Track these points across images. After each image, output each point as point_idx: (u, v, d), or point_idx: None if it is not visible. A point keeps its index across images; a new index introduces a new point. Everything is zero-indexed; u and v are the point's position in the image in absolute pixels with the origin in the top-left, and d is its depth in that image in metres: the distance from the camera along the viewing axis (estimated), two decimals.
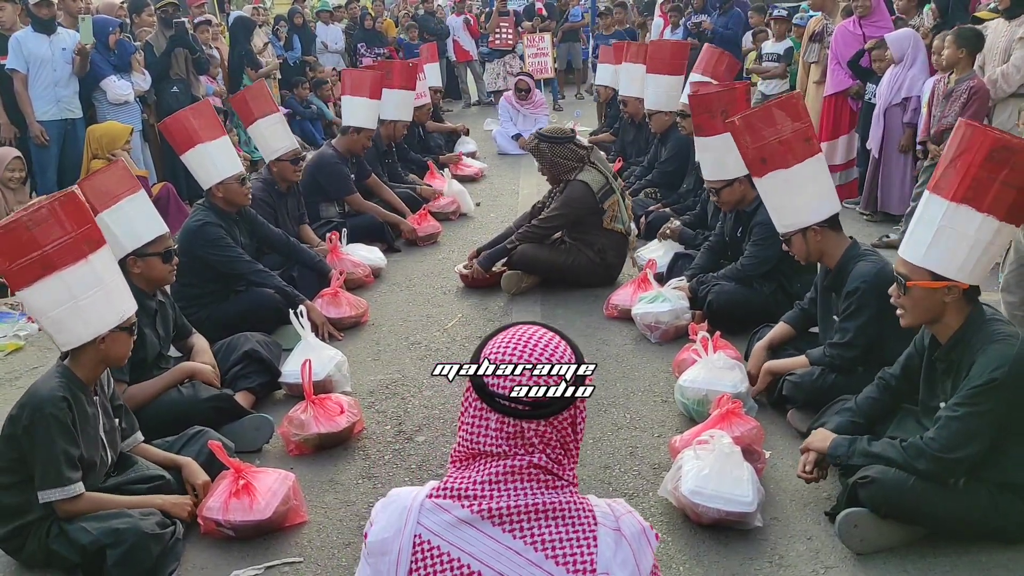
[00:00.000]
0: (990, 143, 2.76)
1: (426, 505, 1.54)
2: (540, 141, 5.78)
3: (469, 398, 1.57)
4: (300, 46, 12.75)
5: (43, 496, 2.96)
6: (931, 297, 2.89)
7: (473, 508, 1.51)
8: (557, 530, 1.52)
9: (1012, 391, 2.76)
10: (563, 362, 1.55)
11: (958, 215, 2.81)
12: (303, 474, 3.65)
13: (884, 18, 7.53)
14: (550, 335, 1.58)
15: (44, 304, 3.04)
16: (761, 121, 3.77)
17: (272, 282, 4.99)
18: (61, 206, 3.06)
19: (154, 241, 3.94)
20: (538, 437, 1.53)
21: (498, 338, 1.58)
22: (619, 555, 1.52)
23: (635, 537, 1.55)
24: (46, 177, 7.09)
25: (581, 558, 1.50)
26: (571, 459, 1.59)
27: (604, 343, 4.94)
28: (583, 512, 1.54)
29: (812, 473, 3.18)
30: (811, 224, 3.74)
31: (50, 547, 3.00)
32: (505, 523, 1.51)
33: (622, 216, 5.74)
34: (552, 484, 1.54)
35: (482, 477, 1.53)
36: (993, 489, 2.88)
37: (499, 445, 1.53)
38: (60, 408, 2.95)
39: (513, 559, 1.49)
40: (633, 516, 1.59)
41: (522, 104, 10.95)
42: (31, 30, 7.05)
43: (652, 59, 7.34)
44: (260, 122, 5.89)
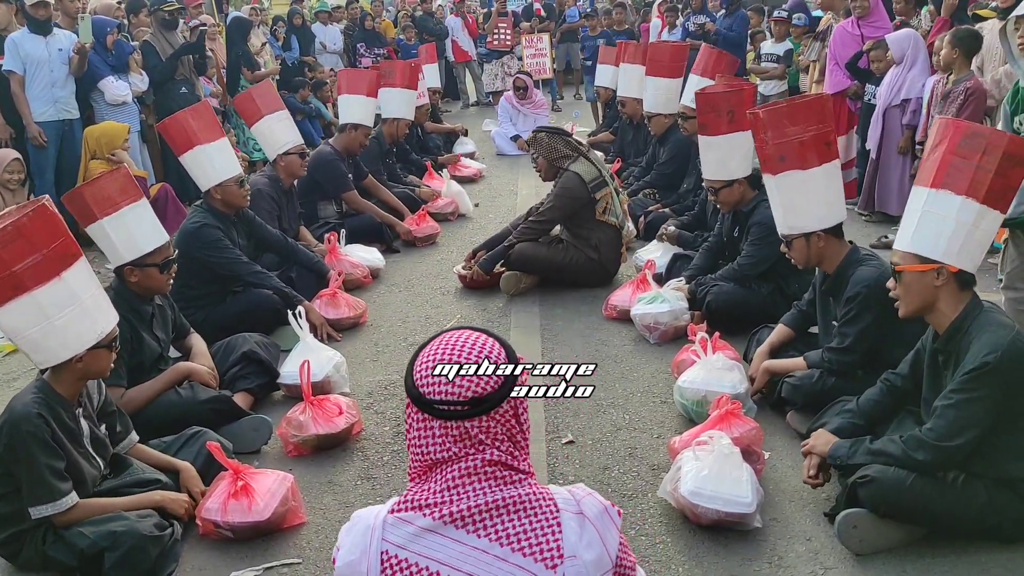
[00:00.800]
0: (961, 132, 2.90)
1: (388, 521, 1.57)
2: (539, 131, 5.86)
3: (410, 413, 1.60)
4: (298, 47, 12.74)
5: (35, 512, 2.92)
6: (921, 281, 2.93)
7: (435, 515, 1.54)
8: (520, 523, 1.54)
9: (1005, 376, 2.78)
10: (495, 360, 1.57)
11: (938, 199, 2.91)
12: (302, 475, 3.64)
13: (882, 19, 7.52)
14: (481, 336, 1.62)
15: (18, 325, 2.93)
16: (787, 118, 3.70)
17: (270, 283, 4.98)
18: (30, 222, 2.91)
19: (153, 252, 3.89)
20: (484, 434, 1.56)
21: (429, 347, 1.61)
22: (584, 537, 1.55)
23: (598, 517, 1.59)
24: (44, 179, 7.08)
25: (547, 546, 1.53)
26: (522, 450, 1.62)
27: (603, 344, 4.94)
28: (544, 501, 1.57)
29: (817, 478, 3.18)
30: (817, 230, 3.71)
31: (47, 553, 2.97)
32: (468, 524, 1.53)
33: (615, 208, 5.73)
34: (509, 478, 1.57)
35: (439, 485, 1.56)
36: (990, 485, 2.88)
37: (448, 449, 1.56)
38: (36, 425, 2.89)
39: (480, 558, 1.52)
40: (594, 497, 1.62)
41: (522, 103, 10.94)
42: (27, 31, 7.03)
43: (651, 61, 7.33)
44: (268, 118, 5.91)
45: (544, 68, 13.86)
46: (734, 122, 4.77)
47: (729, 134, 4.79)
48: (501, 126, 11.15)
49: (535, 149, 5.85)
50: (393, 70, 7.92)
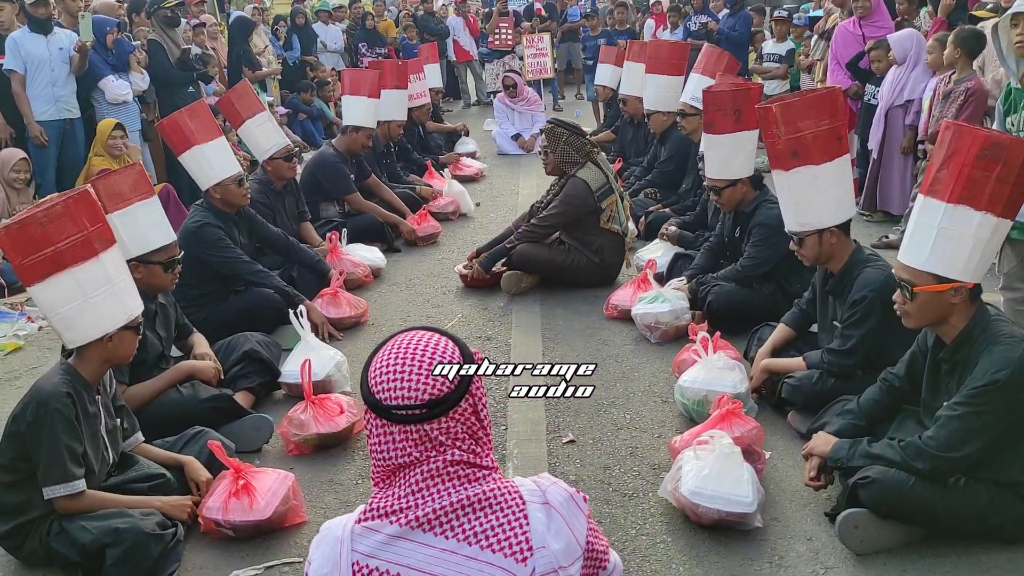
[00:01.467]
0: (980, 142, 2.78)
1: (356, 531, 1.57)
2: (558, 125, 5.79)
3: (369, 419, 1.59)
4: (300, 46, 12.75)
5: (47, 492, 2.96)
6: (938, 300, 2.88)
7: (401, 521, 1.54)
8: (487, 519, 1.55)
9: (1013, 393, 2.76)
10: (448, 360, 1.57)
11: (956, 216, 2.81)
12: (303, 474, 3.65)
13: (884, 19, 7.52)
14: (433, 336, 1.61)
15: (54, 301, 3.05)
16: (800, 112, 3.62)
17: (271, 282, 4.98)
18: (75, 204, 3.08)
19: (159, 249, 3.93)
20: (444, 435, 1.55)
21: (382, 351, 1.61)
22: (552, 526, 1.56)
23: (563, 505, 1.59)
24: (46, 178, 7.08)
25: (516, 539, 1.54)
26: (484, 447, 1.61)
27: (604, 343, 4.94)
28: (509, 495, 1.57)
29: (819, 480, 3.18)
30: (830, 226, 3.68)
31: (50, 545, 3.00)
32: (435, 527, 1.54)
33: (619, 217, 5.73)
34: (473, 476, 1.57)
35: (403, 490, 1.56)
36: (992, 488, 2.88)
37: (410, 454, 1.55)
38: (64, 404, 2.96)
39: (450, 559, 1.52)
40: (558, 486, 1.63)
41: (515, 101, 10.94)
42: (28, 30, 7.04)
43: (652, 59, 7.33)
44: (249, 123, 5.88)
45: (545, 68, 13.86)
46: (740, 121, 4.75)
47: (735, 133, 4.77)
48: (501, 126, 11.15)
49: (549, 142, 5.79)
50: (381, 71, 7.84)
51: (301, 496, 3.41)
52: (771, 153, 3.79)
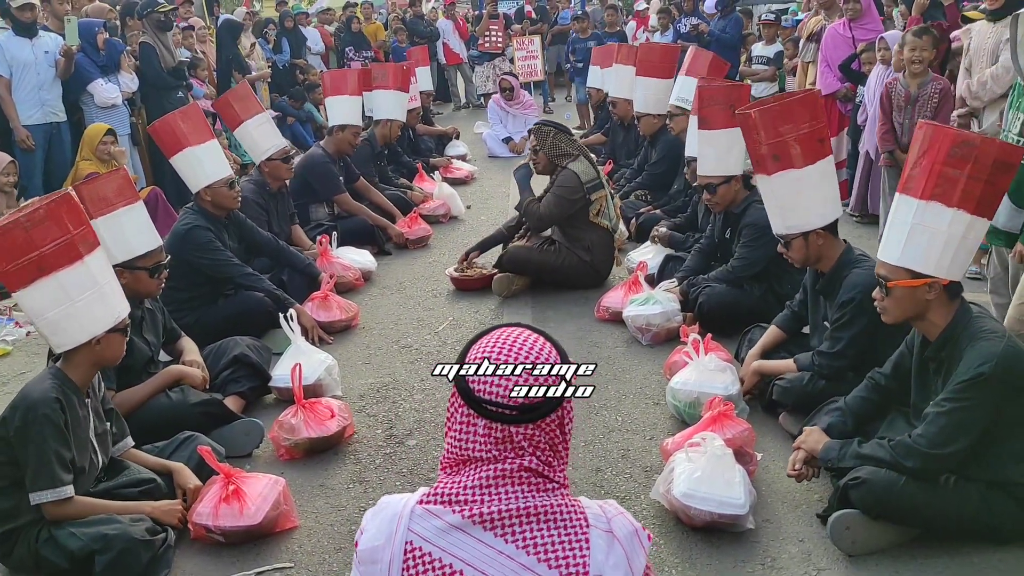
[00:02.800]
0: (950, 140, 2.85)
1: (416, 511, 1.53)
2: (545, 124, 5.85)
3: (455, 403, 1.55)
4: (289, 49, 12.71)
5: (35, 497, 2.93)
6: (912, 295, 2.93)
7: (464, 513, 1.50)
8: (549, 533, 1.50)
9: (998, 387, 2.78)
10: (548, 362, 1.54)
11: (928, 212, 2.87)
12: (293, 479, 3.63)
13: (874, 21, 7.55)
14: (534, 336, 1.58)
15: (41, 305, 3.03)
16: (779, 117, 3.64)
17: (261, 285, 4.96)
18: (57, 207, 3.07)
19: (145, 255, 3.90)
20: (526, 440, 1.52)
21: (482, 341, 1.57)
22: (611, 557, 1.51)
23: (627, 538, 1.54)
24: (32, 182, 7.03)
25: (573, 561, 1.49)
26: (561, 460, 1.57)
27: (595, 346, 4.93)
28: (575, 514, 1.53)
29: (801, 470, 3.18)
30: (816, 228, 3.68)
31: (39, 552, 2.97)
32: (496, 527, 1.49)
33: (608, 212, 5.73)
34: (543, 487, 1.53)
35: (472, 482, 1.52)
36: (983, 488, 2.89)
37: (488, 450, 1.52)
38: (53, 409, 2.94)
39: (505, 563, 1.48)
40: (625, 517, 1.58)
41: (510, 105, 10.93)
42: (12, 33, 6.99)
43: (642, 62, 7.35)
44: (247, 123, 5.87)
45: (535, 70, 13.86)
46: (735, 117, 4.73)
47: (730, 128, 4.76)
48: (492, 128, 11.15)
49: (538, 141, 5.81)
50: (386, 72, 7.91)
51: (292, 501, 3.39)
52: (753, 159, 3.80)
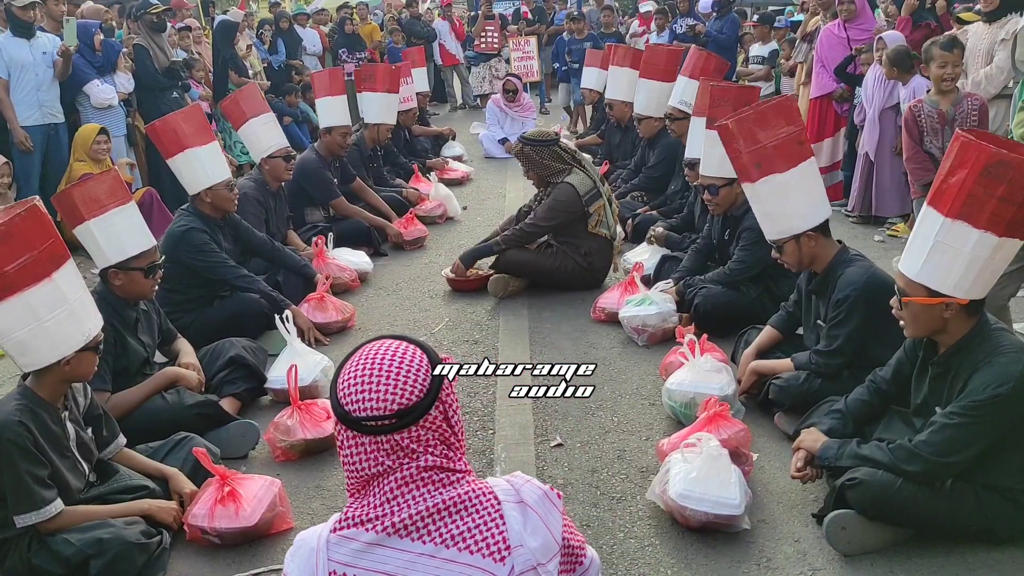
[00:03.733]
0: (986, 158, 2.66)
1: (332, 540, 1.57)
2: (524, 145, 5.74)
3: (339, 430, 1.59)
4: (285, 50, 12.70)
5: (19, 521, 2.88)
6: (928, 313, 2.86)
7: (377, 528, 1.54)
8: (463, 521, 1.55)
9: (1013, 407, 2.75)
10: (416, 367, 1.56)
11: (953, 231, 2.74)
12: (289, 480, 3.63)
13: (869, 21, 7.56)
14: (400, 344, 1.60)
15: (7, 326, 2.90)
16: (756, 124, 3.67)
17: (257, 287, 4.96)
18: (22, 221, 2.90)
19: (139, 256, 3.87)
20: (416, 443, 1.56)
21: (349, 362, 1.60)
22: (528, 524, 1.57)
23: (539, 503, 1.60)
24: (29, 183, 7.02)
25: (493, 540, 1.55)
26: (457, 450, 1.62)
27: (591, 346, 4.94)
28: (484, 496, 1.58)
29: (804, 471, 3.18)
30: (805, 230, 3.68)
31: (31, 561, 2.93)
32: (411, 532, 1.54)
33: (607, 220, 5.73)
34: (447, 480, 1.57)
35: (378, 499, 1.56)
36: (979, 490, 2.89)
37: (382, 463, 1.56)
38: (17, 433, 2.84)
39: (428, 563, 1.53)
40: (532, 483, 1.64)
41: (510, 106, 10.93)
42: (11, 35, 6.98)
43: (646, 64, 7.32)
44: (252, 121, 5.90)
45: (532, 71, 13.87)
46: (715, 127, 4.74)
47: None
48: (489, 129, 11.14)
49: (526, 164, 5.78)
50: (373, 74, 7.85)
51: (288, 502, 3.39)
52: (736, 168, 3.82)
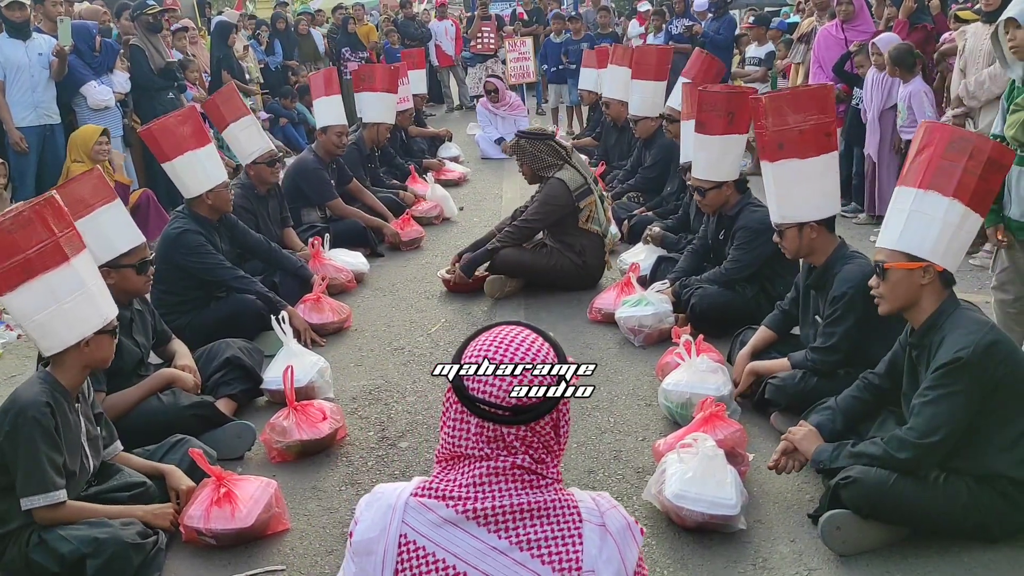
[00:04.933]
0: (948, 134, 3.00)
1: (411, 504, 1.53)
2: (520, 138, 5.82)
3: (450, 400, 1.56)
4: (282, 51, 12.69)
5: (26, 503, 2.91)
6: (908, 279, 2.98)
7: (458, 508, 1.51)
8: (542, 529, 1.51)
9: (978, 371, 2.81)
10: (543, 362, 1.53)
11: (926, 200, 2.97)
12: (285, 481, 3.62)
13: (867, 22, 7.57)
14: (533, 335, 1.57)
15: (28, 308, 3.02)
16: (789, 105, 3.70)
17: (254, 288, 4.95)
18: (42, 209, 3.05)
19: (128, 253, 3.88)
20: (519, 441, 1.52)
21: (479, 339, 1.56)
22: (604, 552, 1.52)
23: (620, 533, 1.55)
24: (25, 184, 7.01)
25: (567, 556, 1.50)
26: (554, 458, 1.58)
27: (588, 347, 4.94)
28: (568, 509, 1.54)
29: (779, 460, 3.20)
30: (811, 220, 3.73)
31: (29, 556, 2.95)
32: (490, 523, 1.50)
33: (599, 217, 5.74)
34: (536, 483, 1.53)
35: (466, 479, 1.52)
36: (972, 484, 2.90)
37: (480, 448, 1.52)
38: (43, 413, 2.92)
39: (498, 559, 1.49)
40: (618, 511, 1.59)
41: (497, 107, 10.94)
42: (6, 36, 6.97)
43: (637, 64, 7.35)
44: (232, 126, 5.86)
45: (528, 72, 13.86)
46: (732, 124, 4.76)
47: (725, 135, 4.78)
48: (484, 130, 11.15)
49: (519, 156, 5.83)
50: (372, 74, 7.86)
51: (284, 503, 3.39)
52: (760, 143, 3.87)
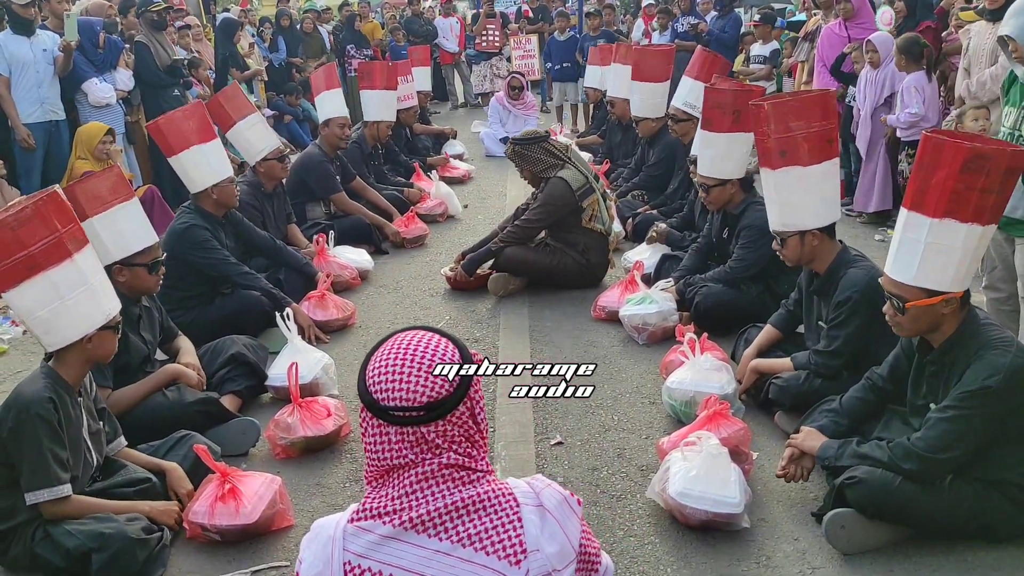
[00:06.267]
0: (963, 155, 2.73)
1: (348, 530, 1.56)
2: (515, 145, 5.79)
3: (365, 418, 1.57)
4: (285, 48, 12.70)
5: (31, 497, 2.93)
6: (930, 312, 2.88)
7: (394, 522, 1.53)
8: (481, 522, 1.54)
9: (1004, 399, 2.77)
10: (448, 361, 1.55)
11: (943, 230, 2.79)
12: (290, 478, 3.63)
13: (869, 19, 7.56)
14: (433, 336, 1.60)
15: (31, 305, 3.03)
16: (791, 112, 3.64)
17: (258, 284, 4.96)
18: (44, 205, 3.05)
19: (143, 251, 3.90)
20: (441, 438, 1.55)
21: (381, 350, 1.59)
22: (546, 529, 1.56)
23: (558, 508, 1.59)
24: (31, 180, 7.03)
25: (510, 542, 1.54)
26: (480, 449, 1.61)
27: (592, 345, 4.94)
28: (503, 497, 1.57)
29: (787, 468, 3.19)
30: (813, 228, 3.69)
31: (34, 551, 2.97)
32: (428, 528, 1.53)
33: (602, 216, 5.73)
34: (467, 479, 1.56)
35: (397, 491, 1.55)
36: (978, 487, 2.89)
37: (405, 455, 1.54)
38: (46, 408, 2.93)
39: (444, 561, 1.52)
40: (552, 488, 1.63)
41: (514, 104, 10.92)
42: (11, 32, 6.99)
43: (637, 66, 7.32)
44: (240, 124, 5.85)
45: (533, 69, 13.85)
46: (738, 122, 4.74)
47: (731, 133, 4.77)
48: (490, 127, 11.14)
49: (517, 163, 5.82)
50: (371, 72, 7.82)
51: (288, 500, 3.39)
52: (760, 150, 3.80)
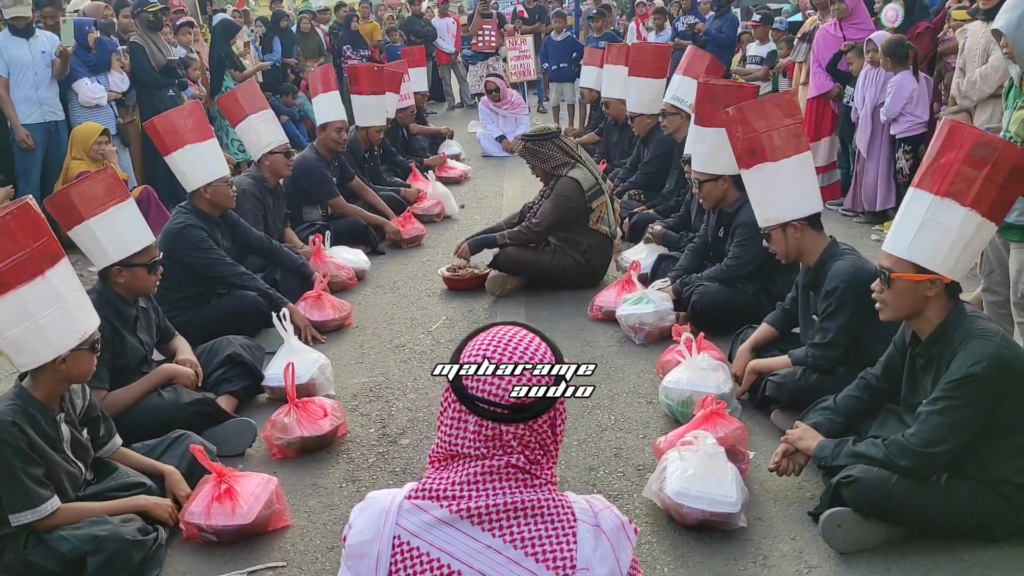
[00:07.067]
0: (972, 140, 2.84)
1: (404, 506, 1.54)
2: (526, 142, 5.79)
3: (448, 399, 1.56)
4: (280, 49, 12.68)
5: (15, 519, 2.87)
6: (914, 290, 2.92)
7: (452, 508, 1.51)
8: (536, 528, 1.52)
9: (990, 387, 2.79)
10: (542, 363, 1.54)
11: (942, 208, 2.86)
12: (286, 478, 3.63)
13: (864, 19, 7.57)
14: (529, 335, 1.58)
15: (1, 324, 2.90)
16: (754, 113, 3.89)
17: (255, 285, 4.96)
18: (14, 220, 2.91)
19: (141, 252, 3.88)
20: (516, 439, 1.53)
21: (478, 339, 1.57)
22: (599, 551, 1.53)
23: (614, 532, 1.56)
24: (30, 181, 7.03)
25: (561, 555, 1.51)
26: (550, 459, 1.58)
27: (588, 345, 4.94)
28: (562, 509, 1.54)
29: (779, 462, 3.20)
30: (792, 219, 3.79)
31: (28, 558, 2.92)
32: (484, 522, 1.51)
33: (608, 218, 5.73)
34: (530, 483, 1.54)
35: (460, 478, 1.53)
36: (974, 486, 2.90)
37: (476, 447, 1.53)
38: (10, 433, 2.83)
39: (493, 557, 1.50)
40: (611, 511, 1.59)
41: (498, 106, 10.94)
42: (9, 33, 6.99)
43: (635, 62, 7.35)
44: (252, 117, 5.92)
45: (529, 70, 13.84)
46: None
47: (723, 128, 4.78)
48: (486, 127, 11.14)
49: (529, 160, 5.80)
50: (357, 77, 7.72)
51: (284, 500, 3.39)
52: (735, 154, 3.98)
